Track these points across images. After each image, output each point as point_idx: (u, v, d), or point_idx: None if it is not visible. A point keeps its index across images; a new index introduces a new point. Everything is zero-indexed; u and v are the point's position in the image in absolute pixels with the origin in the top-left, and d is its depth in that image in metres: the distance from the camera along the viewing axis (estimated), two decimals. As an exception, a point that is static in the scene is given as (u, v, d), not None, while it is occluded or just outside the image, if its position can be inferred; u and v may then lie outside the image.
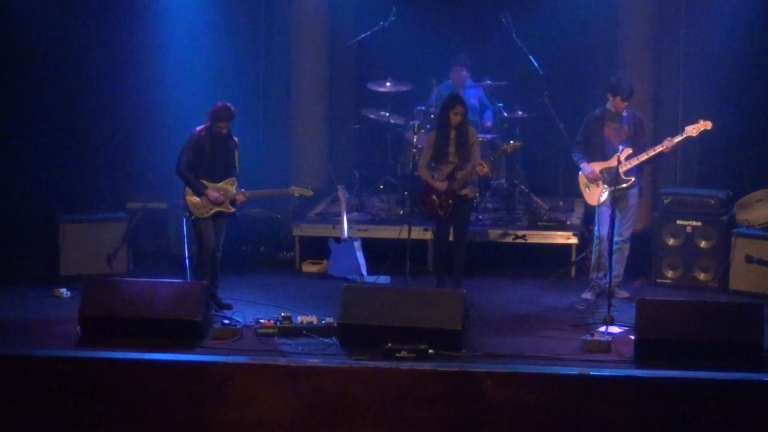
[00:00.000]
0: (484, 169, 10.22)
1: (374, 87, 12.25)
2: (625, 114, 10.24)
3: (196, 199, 9.84)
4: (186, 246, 10.49)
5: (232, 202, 9.96)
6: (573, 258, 11.27)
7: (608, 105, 10.27)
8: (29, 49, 12.02)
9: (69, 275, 10.85)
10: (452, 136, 10.35)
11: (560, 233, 11.43)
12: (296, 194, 10.32)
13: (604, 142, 10.23)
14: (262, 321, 9.38)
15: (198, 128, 9.89)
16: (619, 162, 9.96)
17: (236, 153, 9.96)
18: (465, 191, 10.34)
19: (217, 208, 9.88)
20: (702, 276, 10.83)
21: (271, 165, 12.63)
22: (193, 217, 9.88)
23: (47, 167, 11.96)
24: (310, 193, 10.46)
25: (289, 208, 11.99)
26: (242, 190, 10.00)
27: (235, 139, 9.98)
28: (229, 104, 9.82)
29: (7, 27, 11.89)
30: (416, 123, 11.51)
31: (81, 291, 9.37)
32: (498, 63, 12.43)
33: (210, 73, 12.32)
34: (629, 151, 10.08)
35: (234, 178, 9.97)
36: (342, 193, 10.98)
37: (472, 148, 10.34)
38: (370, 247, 11.22)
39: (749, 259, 10.50)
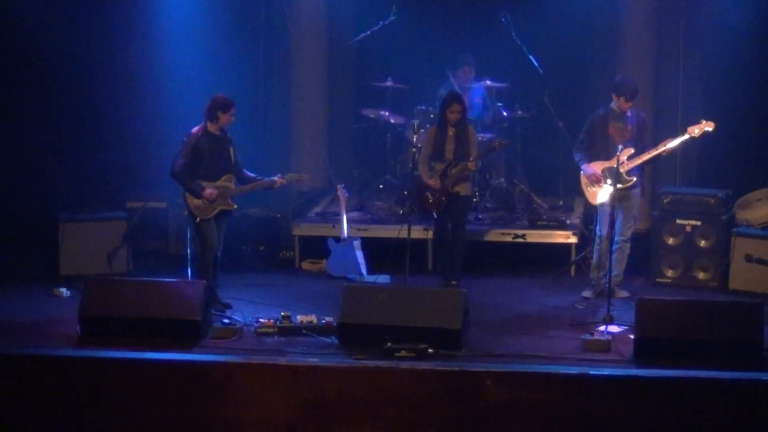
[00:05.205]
0: (474, 165, 10.37)
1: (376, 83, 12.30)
2: (629, 114, 10.23)
3: (198, 201, 9.82)
4: (189, 247, 10.47)
5: (232, 198, 9.96)
6: (573, 257, 11.27)
7: (612, 105, 10.26)
8: (29, 49, 12.02)
9: (69, 275, 10.84)
10: (451, 133, 10.51)
11: (560, 232, 11.43)
12: (294, 180, 10.28)
13: (607, 142, 10.21)
14: (261, 320, 9.38)
15: (194, 130, 9.87)
16: (621, 162, 9.95)
17: (231, 149, 9.96)
18: (458, 188, 10.44)
19: (219, 207, 9.87)
20: (702, 275, 10.83)
21: (271, 165, 12.60)
22: (198, 219, 9.86)
23: (47, 167, 11.96)
24: (305, 177, 10.51)
25: (289, 208, 11.99)
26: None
27: (228, 135, 9.99)
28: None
29: (6, 28, 11.88)
30: (416, 122, 11.55)
31: (81, 290, 9.37)
32: (498, 63, 12.43)
33: (210, 72, 12.31)
34: (631, 150, 10.07)
35: (231, 174, 9.95)
36: (342, 193, 10.98)
37: (471, 147, 10.43)
38: (370, 246, 11.22)
39: (749, 259, 10.51)
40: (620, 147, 10.01)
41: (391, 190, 12.32)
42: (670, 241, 10.93)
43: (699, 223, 10.84)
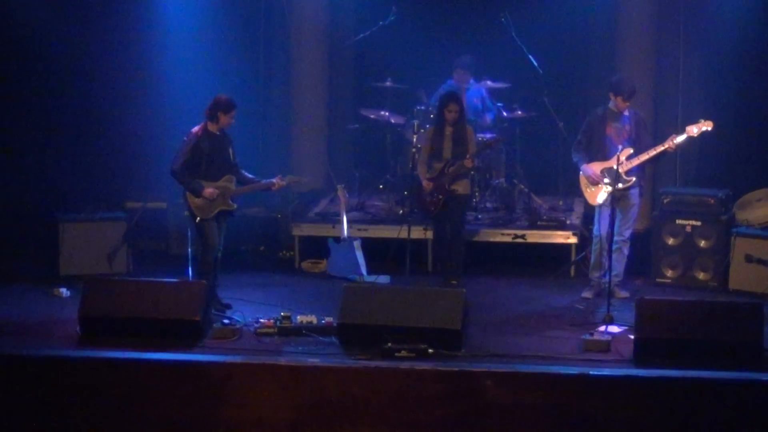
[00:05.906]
0: (470, 162, 10.44)
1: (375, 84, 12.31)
2: (627, 114, 10.24)
3: (198, 201, 9.82)
4: (189, 247, 10.47)
5: (232, 198, 9.97)
6: (572, 257, 11.27)
7: (610, 104, 10.27)
8: (29, 49, 12.01)
9: (68, 275, 10.85)
10: (448, 133, 10.59)
11: (560, 233, 11.43)
12: (293, 182, 10.30)
13: (605, 142, 10.22)
14: (261, 321, 9.38)
15: (195, 129, 9.86)
16: (620, 162, 9.96)
17: (231, 149, 9.96)
18: (455, 187, 10.49)
19: (219, 207, 9.87)
20: (701, 275, 10.83)
21: (271, 165, 12.62)
22: (198, 219, 9.86)
23: (47, 167, 11.96)
24: (304, 180, 10.53)
25: (289, 208, 12.00)
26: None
27: (228, 135, 9.99)
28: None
29: (6, 27, 11.88)
30: (416, 122, 11.57)
31: (81, 291, 9.37)
32: (498, 63, 12.43)
33: (210, 72, 12.30)
34: (630, 150, 10.08)
35: (232, 175, 9.95)
36: (342, 193, 10.98)
37: (469, 146, 10.50)
38: (370, 246, 11.22)
39: (749, 259, 10.52)
40: (620, 147, 10.02)
41: (391, 190, 12.32)
42: (670, 241, 10.94)
43: (699, 223, 10.84)
